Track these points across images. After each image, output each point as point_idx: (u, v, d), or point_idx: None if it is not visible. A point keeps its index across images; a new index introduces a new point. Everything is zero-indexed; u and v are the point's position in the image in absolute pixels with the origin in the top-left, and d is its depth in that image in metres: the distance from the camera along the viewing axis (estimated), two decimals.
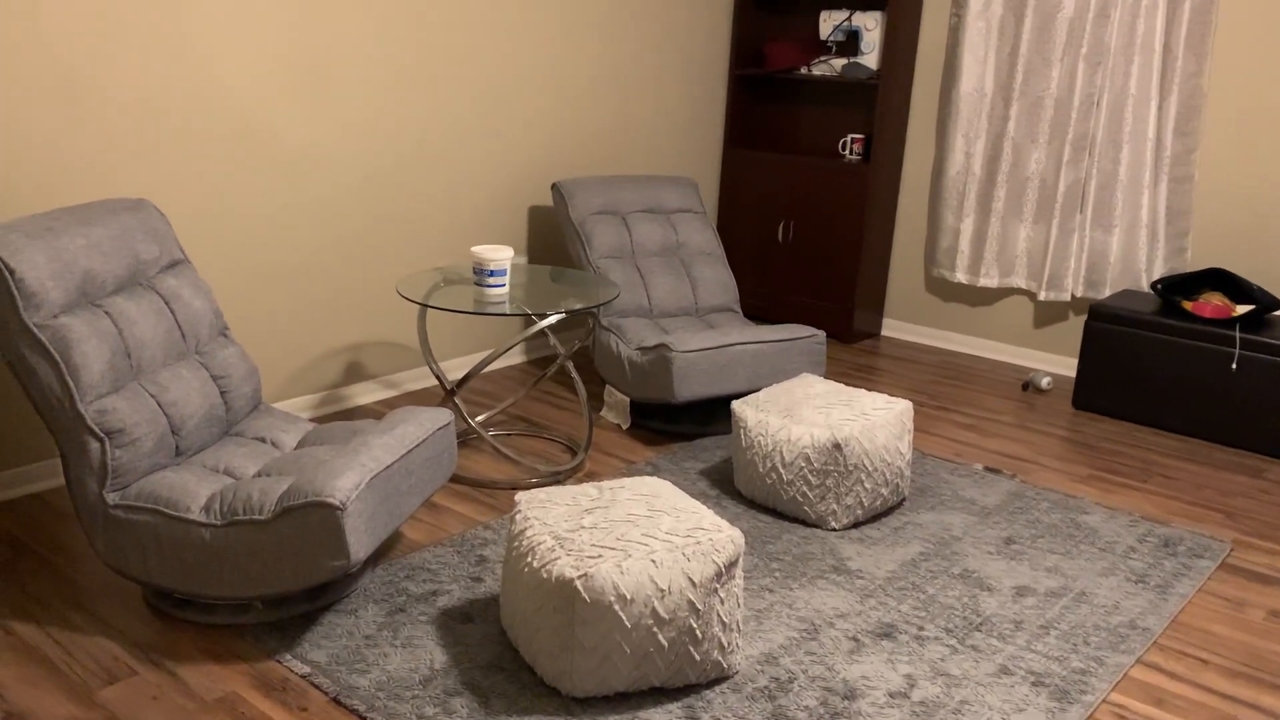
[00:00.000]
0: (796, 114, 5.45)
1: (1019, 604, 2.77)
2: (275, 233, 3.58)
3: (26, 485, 3.14)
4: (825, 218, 5.07)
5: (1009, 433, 4.03)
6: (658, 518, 2.38)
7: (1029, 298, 4.88)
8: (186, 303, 2.77)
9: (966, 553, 3.04)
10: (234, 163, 3.41)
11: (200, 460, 2.64)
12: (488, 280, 3.27)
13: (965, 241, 4.91)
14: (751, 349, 3.65)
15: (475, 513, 3.13)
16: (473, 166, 4.19)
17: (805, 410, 3.21)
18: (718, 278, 4.27)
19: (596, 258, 4.08)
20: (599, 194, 4.21)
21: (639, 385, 3.70)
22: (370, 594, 2.66)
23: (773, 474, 3.16)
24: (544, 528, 2.35)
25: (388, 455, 2.50)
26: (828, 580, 2.84)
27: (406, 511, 2.59)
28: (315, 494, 2.29)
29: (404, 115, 3.89)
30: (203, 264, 3.40)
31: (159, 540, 2.40)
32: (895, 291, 5.29)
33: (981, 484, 3.53)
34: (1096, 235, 4.58)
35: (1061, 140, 4.57)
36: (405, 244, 4.02)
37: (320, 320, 3.79)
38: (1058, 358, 4.82)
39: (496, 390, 4.21)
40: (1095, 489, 3.55)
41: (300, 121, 3.57)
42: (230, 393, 2.79)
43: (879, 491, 3.16)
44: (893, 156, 5.07)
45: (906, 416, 3.26)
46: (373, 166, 3.83)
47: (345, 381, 3.92)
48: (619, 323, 3.95)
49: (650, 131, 4.96)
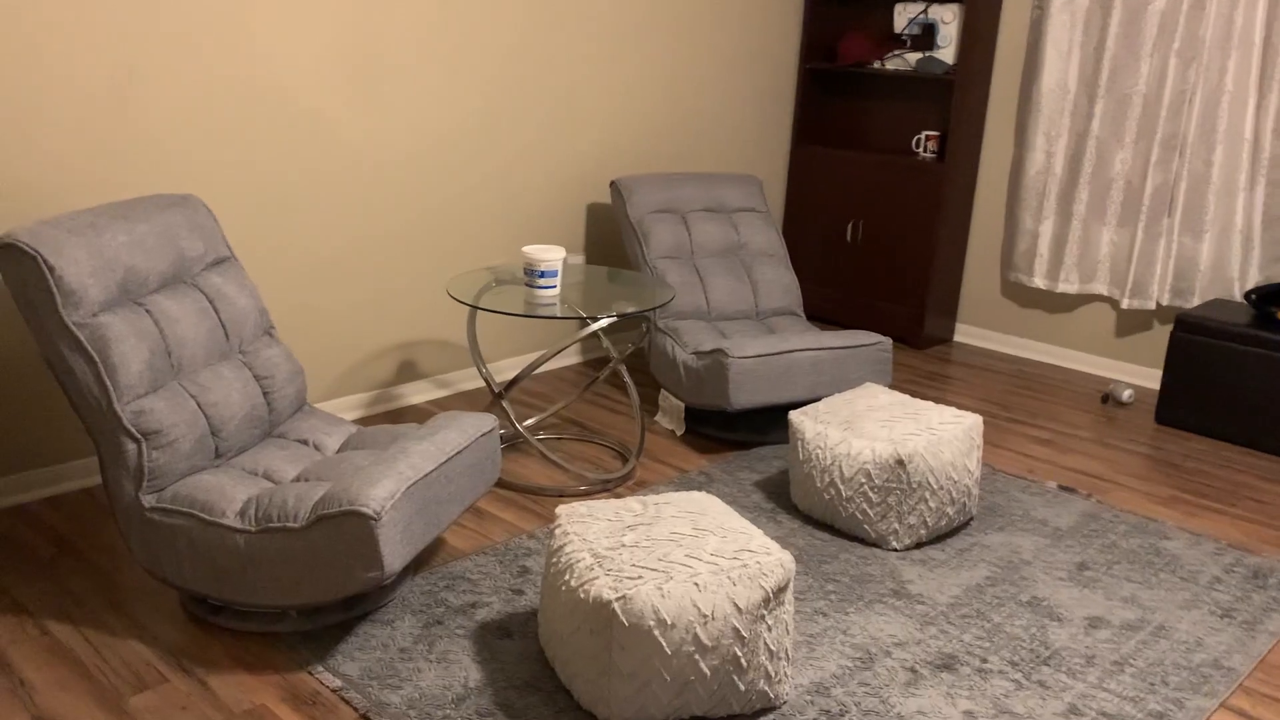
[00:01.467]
0: (868, 110, 5.26)
1: (1091, 637, 2.59)
2: (328, 228, 3.53)
3: (77, 480, 3.14)
4: (896, 218, 4.89)
5: (1086, 449, 3.82)
6: (703, 537, 2.26)
7: (1111, 305, 4.64)
8: (231, 301, 2.72)
9: (1036, 578, 2.87)
10: (287, 157, 3.37)
11: (240, 463, 2.59)
12: (538, 281, 3.18)
13: (1044, 245, 4.69)
14: (812, 356, 3.51)
15: (520, 520, 3.04)
16: (530, 162, 4.11)
17: (867, 423, 3.06)
18: (780, 280, 4.13)
19: (654, 258, 3.96)
20: (658, 192, 4.09)
21: (694, 391, 3.58)
22: (408, 604, 2.58)
23: (831, 489, 3.01)
24: (583, 544, 2.24)
25: (427, 463, 2.42)
26: (886, 605, 2.69)
27: (446, 521, 2.51)
28: (349, 503, 2.22)
29: (461, 108, 3.81)
30: (253, 260, 3.37)
31: (193, 545, 2.35)
32: (969, 296, 5.08)
33: (1055, 504, 3.34)
34: (1185, 241, 4.33)
35: (1150, 139, 4.33)
36: (460, 240, 3.95)
37: (372, 317, 3.73)
38: (1140, 369, 4.58)
39: (548, 392, 4.13)
40: (1178, 512, 3.33)
41: (355, 115, 3.51)
42: (273, 393, 2.74)
43: (944, 511, 3.00)
44: (969, 155, 4.86)
45: (976, 431, 3.09)
46: (428, 161, 3.76)
47: (396, 380, 3.86)
48: (675, 325, 3.83)
49: (715, 127, 4.83)
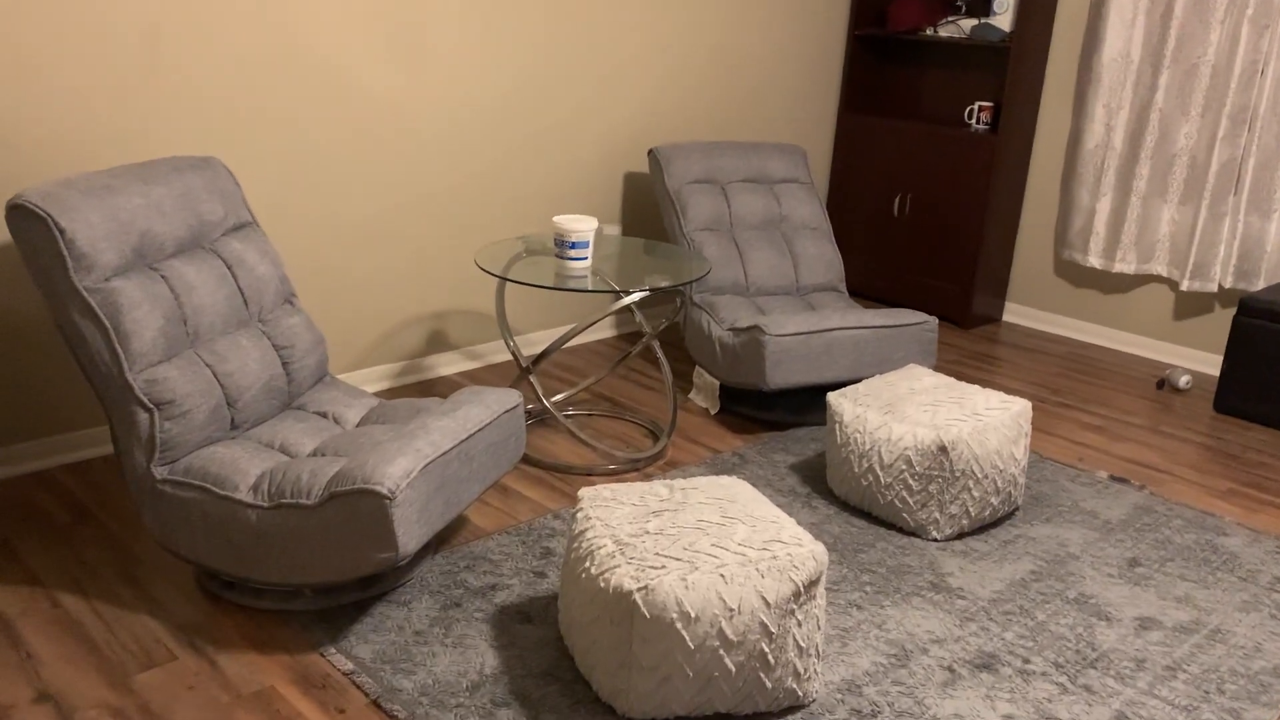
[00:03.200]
0: (919, 79, 5.07)
1: (1142, 639, 2.45)
2: (357, 194, 3.44)
3: (100, 447, 3.09)
4: (946, 191, 4.71)
5: (1140, 436, 3.65)
6: (731, 526, 2.14)
7: (1170, 287, 4.44)
8: (250, 268, 2.64)
9: (1084, 574, 2.73)
10: (316, 120, 3.28)
11: (256, 435, 2.51)
12: (569, 253, 3.07)
13: (1101, 222, 4.49)
14: (853, 335, 3.37)
15: (546, 498, 2.95)
16: (568, 128, 3.98)
17: (909, 407, 2.92)
18: (822, 254, 3.98)
19: (691, 230, 3.83)
20: (698, 161, 3.95)
21: (730, 368, 3.46)
22: (426, 584, 2.50)
23: (869, 475, 2.89)
24: (605, 529, 2.14)
25: (446, 440, 2.32)
26: (924, 599, 2.57)
27: (465, 500, 2.42)
28: (364, 480, 2.13)
29: (499, 72, 3.70)
30: (278, 225, 3.29)
31: (206, 519, 2.29)
32: (1020, 274, 4.90)
33: (1105, 495, 3.18)
34: (1252, 220, 4.11)
35: (1217, 112, 4.10)
36: (492, 208, 3.84)
37: (402, 287, 3.65)
38: (1199, 354, 4.38)
39: (580, 366, 4.02)
40: (1237, 506, 3.16)
41: (387, 79, 3.41)
42: (293, 364, 2.66)
43: (988, 500, 2.86)
44: (1024, 127, 4.66)
45: (1024, 418, 2.94)
46: (461, 126, 3.66)
47: (426, 351, 3.78)
48: (712, 300, 3.70)
49: (759, 95, 4.67)
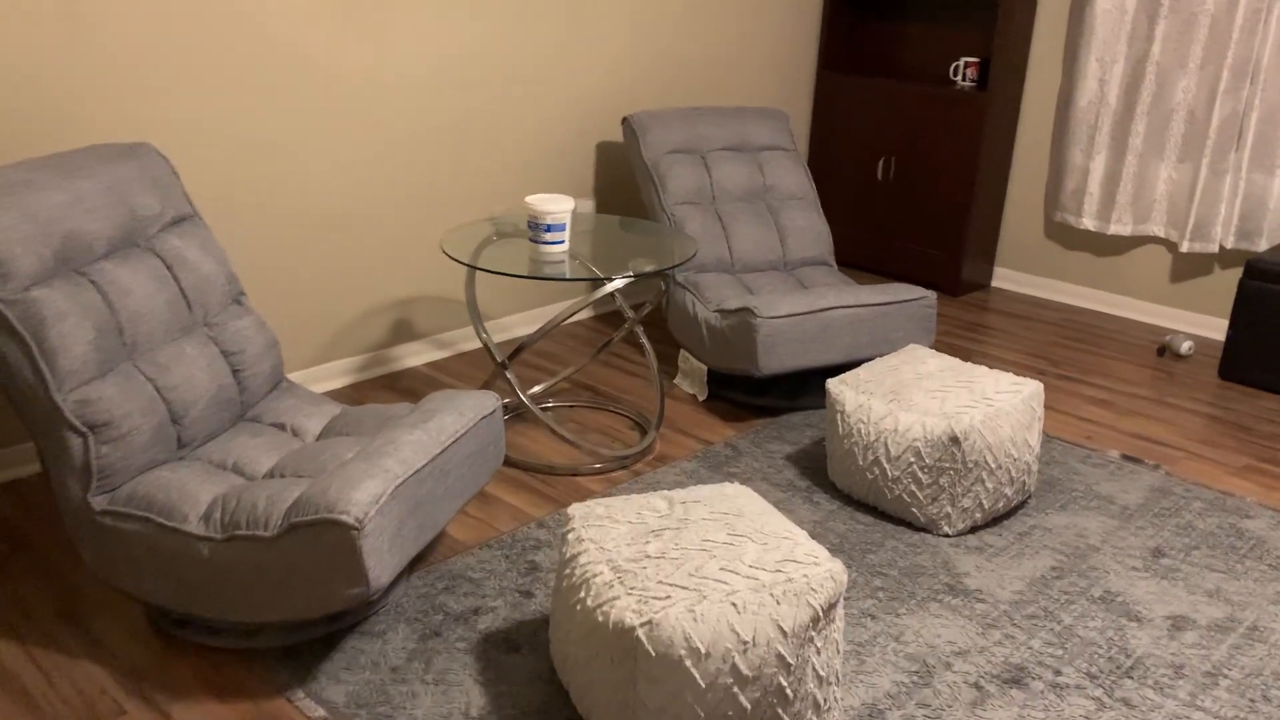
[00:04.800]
0: (902, 34, 4.83)
1: (1176, 641, 2.28)
2: (311, 177, 3.17)
3: (34, 463, 2.83)
4: (932, 153, 4.49)
5: (1147, 409, 3.49)
6: (740, 545, 1.94)
7: (1168, 248, 4.26)
8: (193, 266, 2.38)
9: (1107, 568, 2.56)
10: (262, 98, 3.00)
11: (207, 453, 2.27)
12: (544, 236, 2.83)
13: (1095, 182, 4.30)
14: (849, 314, 3.16)
15: (529, 504, 2.73)
16: (534, 97, 3.72)
17: (915, 394, 2.72)
18: (810, 226, 3.76)
19: (672, 204, 3.60)
20: (676, 129, 3.71)
21: (718, 353, 3.24)
22: (402, 611, 2.28)
23: (875, 468, 2.69)
24: (601, 554, 1.93)
25: (418, 456, 2.10)
26: (941, 604, 2.38)
27: (442, 520, 2.19)
28: (327, 509, 1.90)
29: (459, 40, 3.42)
30: (225, 217, 3.02)
31: (153, 554, 2.05)
32: (1009, 238, 4.71)
33: (1119, 476, 3.02)
34: (1255, 177, 3.94)
35: (1218, 65, 3.91)
36: (458, 186, 3.58)
37: (363, 274, 3.39)
38: (1199, 318, 4.22)
39: (558, 352, 3.79)
40: (1255, 484, 3.01)
41: (342, 50, 3.12)
42: (245, 370, 2.41)
43: (1001, 491, 2.68)
44: (1012, 83, 4.44)
45: (1036, 401, 2.75)
46: (423, 98, 3.38)
47: (392, 342, 3.53)
48: (696, 279, 3.47)
49: (733, 55, 4.41)
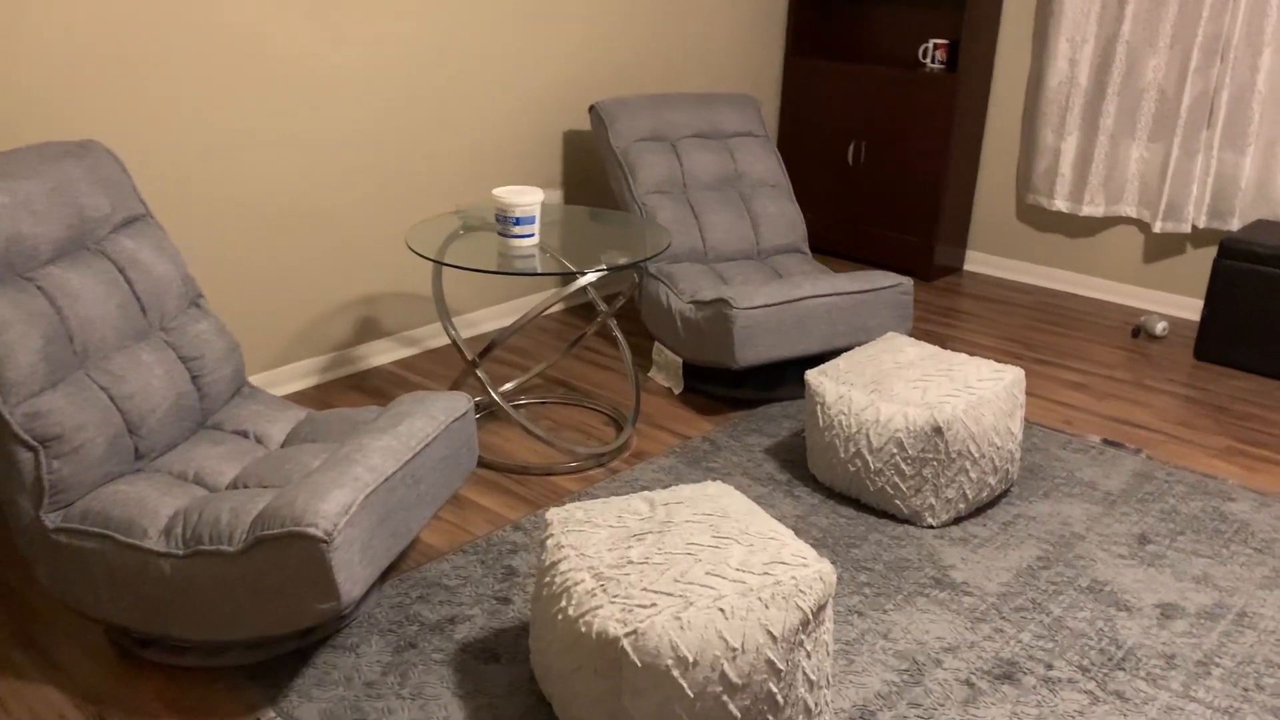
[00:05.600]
0: (870, 16, 4.77)
1: (1167, 630, 2.25)
2: (270, 172, 3.06)
3: None
4: (903, 137, 4.44)
5: (1125, 392, 3.46)
6: (726, 548, 1.88)
7: (1140, 228, 4.25)
8: (147, 269, 2.27)
9: (1093, 556, 2.52)
10: (217, 90, 2.88)
11: (166, 464, 2.17)
12: (513, 229, 2.74)
13: (1066, 164, 4.27)
14: (826, 303, 3.10)
15: (504, 506, 2.66)
16: (500, 86, 3.62)
17: (896, 384, 2.67)
18: (783, 213, 3.70)
19: (643, 193, 3.52)
20: (645, 117, 3.63)
21: (693, 345, 3.18)
22: (375, 622, 2.20)
23: (857, 460, 2.64)
24: (581, 560, 1.86)
25: (389, 462, 2.01)
26: (928, 598, 2.34)
27: (415, 528, 2.11)
28: (294, 522, 1.82)
29: (421, 30, 3.32)
30: (180, 216, 2.90)
31: (111, 571, 1.95)
32: (981, 221, 4.67)
33: (1101, 461, 2.99)
34: (1227, 156, 3.92)
35: (1188, 43, 3.88)
36: (422, 177, 3.48)
37: (327, 270, 3.29)
38: (1173, 298, 4.21)
39: (529, 346, 3.71)
40: (1237, 466, 2.99)
41: (301, 39, 3.02)
42: (204, 376, 2.32)
43: (985, 481, 2.63)
44: (982, 65, 4.40)
45: (1018, 388, 2.71)
46: (386, 88, 3.28)
47: (357, 340, 3.43)
48: (669, 270, 3.40)
49: (702, 40, 4.34)
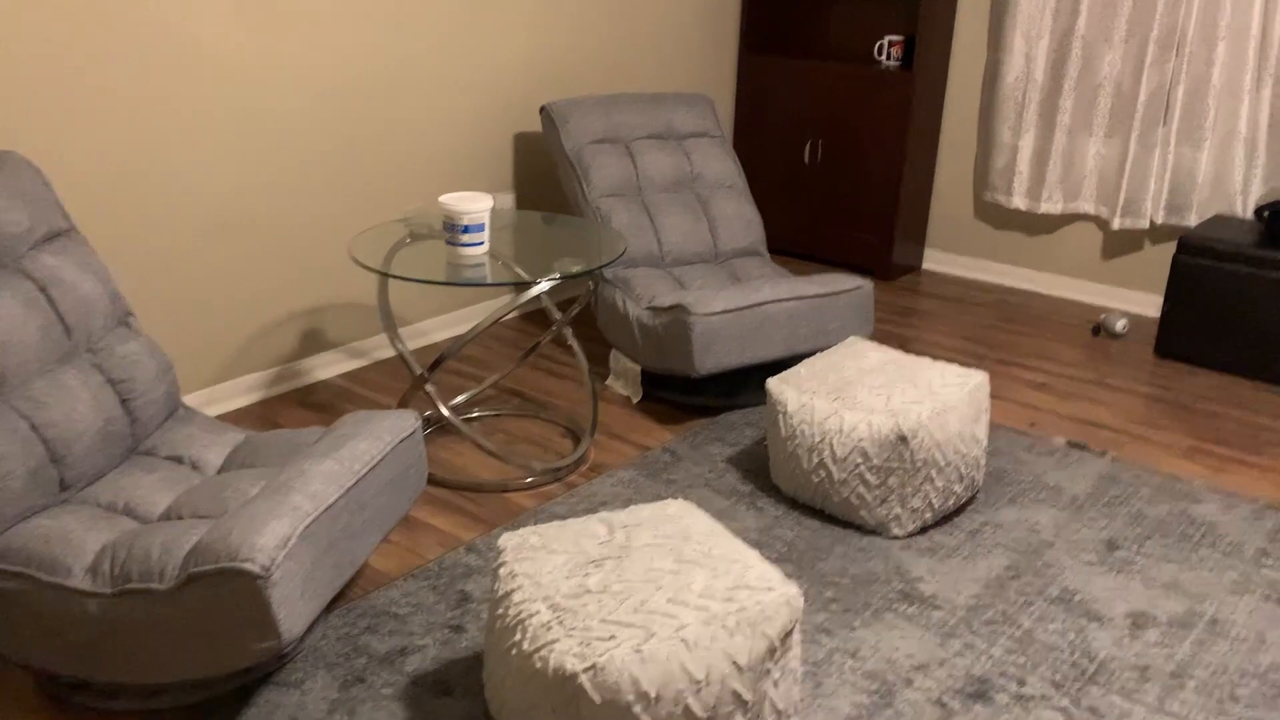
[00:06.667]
0: (824, 12, 4.71)
1: (1139, 640, 2.20)
2: (205, 180, 2.93)
3: None
4: (859, 135, 4.39)
5: (1087, 391, 3.43)
6: (688, 572, 1.79)
7: (1098, 225, 4.22)
8: (71, 287, 2.15)
9: (1062, 564, 2.47)
10: (146, 95, 2.75)
11: (94, 495, 2.05)
12: (461, 238, 2.64)
13: (1024, 160, 4.24)
14: (786, 307, 3.03)
15: (457, 526, 2.56)
16: (447, 87, 3.51)
17: (859, 391, 2.60)
18: (741, 214, 3.62)
19: (596, 196, 3.43)
20: (597, 118, 3.54)
21: (652, 353, 3.09)
22: (321, 656, 2.09)
23: (820, 471, 2.57)
24: (536, 590, 1.77)
25: (330, 489, 1.91)
26: (896, 613, 2.27)
27: (361, 556, 2.01)
28: (229, 557, 1.71)
29: (363, 29, 3.20)
30: (108, 229, 2.76)
31: (34, 614, 1.83)
32: (939, 219, 4.63)
33: (1066, 464, 2.94)
34: (1184, 151, 3.91)
35: (1143, 37, 3.86)
36: (368, 184, 3.36)
37: (268, 281, 3.16)
38: (1133, 294, 4.19)
39: (482, 356, 3.60)
40: (1202, 466, 2.96)
41: (235, 41, 2.88)
42: (135, 399, 2.19)
43: (951, 489, 2.58)
44: (938, 61, 4.35)
45: (982, 392, 2.66)
46: (329, 91, 3.15)
47: (302, 353, 3.31)
48: (625, 275, 3.32)
49: (654, 38, 4.25)
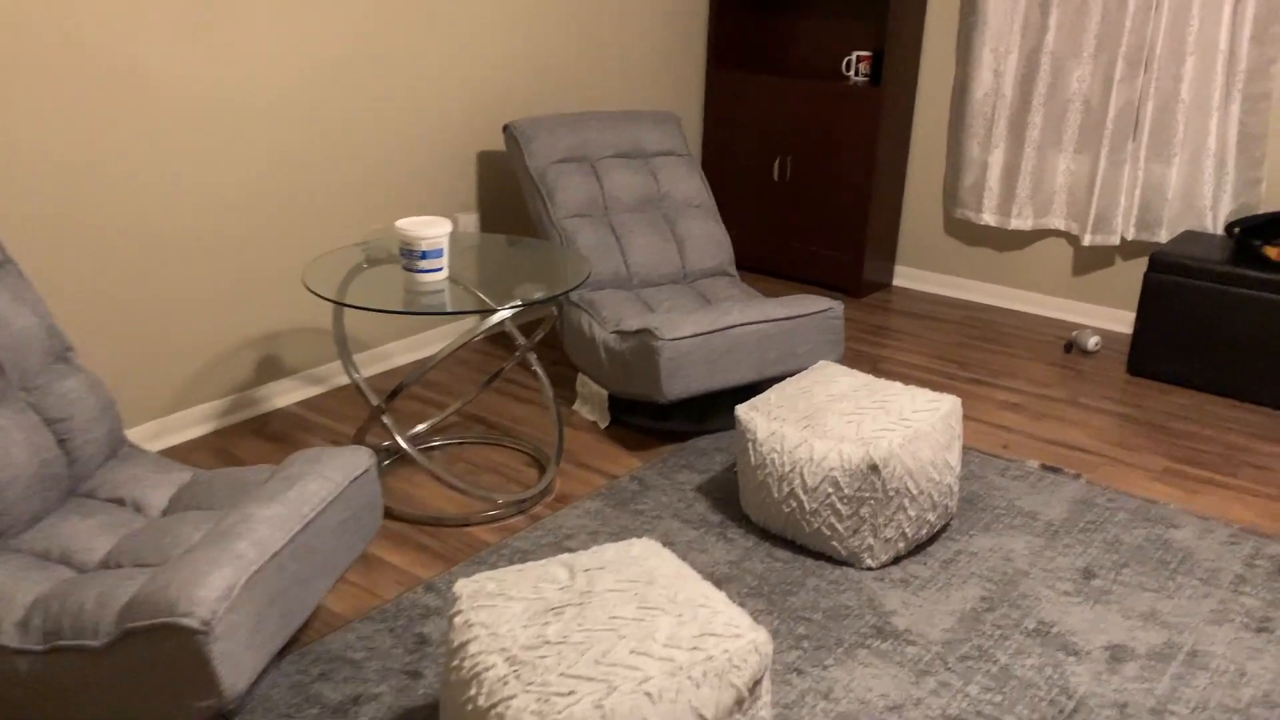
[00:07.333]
0: (792, 28, 4.67)
1: (1118, 675, 2.15)
2: (153, 203, 2.83)
3: None
4: (828, 151, 4.34)
5: (1061, 411, 3.39)
6: (652, 620, 1.72)
7: (1069, 241, 4.19)
8: (4, 322, 2.05)
9: (1038, 595, 2.41)
10: (94, 119, 2.65)
11: (29, 543, 1.95)
12: (419, 264, 2.56)
13: (994, 176, 4.20)
14: (755, 330, 2.97)
15: (416, 564, 2.47)
16: (407, 105, 3.43)
17: (829, 418, 2.54)
18: (709, 234, 3.56)
19: (561, 217, 3.35)
20: (562, 136, 3.46)
21: (619, 378, 3.02)
22: (271, 706, 2.00)
23: (791, 500, 2.50)
24: (493, 641, 1.68)
25: (277, 534, 1.82)
26: (870, 650, 2.20)
27: (312, 603, 1.92)
28: (168, 611, 1.62)
29: (322, 46, 3.11)
30: (47, 259, 2.66)
31: None
32: (909, 236, 4.59)
33: (1040, 488, 2.89)
34: (1153, 167, 3.88)
35: (1112, 53, 3.84)
36: (326, 206, 3.27)
37: (221, 307, 3.06)
38: (1104, 310, 4.16)
39: (444, 380, 3.52)
40: (1177, 489, 2.92)
41: (184, 59, 2.79)
42: (74, 439, 2.09)
43: (924, 519, 2.51)
44: (906, 77, 4.32)
45: (955, 418, 2.60)
46: (284, 109, 3.06)
47: (257, 381, 3.21)
48: (592, 297, 3.24)
49: (619, 55, 4.18)
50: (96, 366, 2.80)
